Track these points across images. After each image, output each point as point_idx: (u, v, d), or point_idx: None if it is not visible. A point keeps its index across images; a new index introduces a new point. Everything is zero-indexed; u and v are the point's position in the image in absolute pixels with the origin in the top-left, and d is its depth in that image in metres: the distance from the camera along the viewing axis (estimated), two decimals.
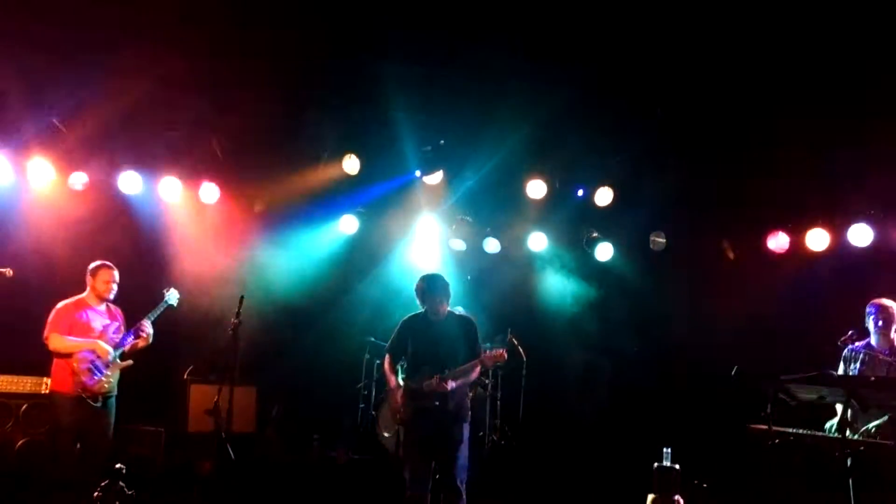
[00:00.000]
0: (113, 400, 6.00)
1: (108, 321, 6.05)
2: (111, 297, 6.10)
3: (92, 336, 5.89)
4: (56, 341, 5.80)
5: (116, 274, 6.11)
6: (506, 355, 5.47)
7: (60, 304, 5.96)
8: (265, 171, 8.18)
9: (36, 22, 6.29)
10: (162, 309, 6.21)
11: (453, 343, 5.48)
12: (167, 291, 6.32)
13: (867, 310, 5.79)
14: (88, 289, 6.06)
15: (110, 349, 5.88)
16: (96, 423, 5.84)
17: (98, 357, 5.82)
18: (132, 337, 6.05)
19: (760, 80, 6.65)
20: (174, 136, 7.72)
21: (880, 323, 5.68)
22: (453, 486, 5.31)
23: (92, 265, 6.11)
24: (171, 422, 7.52)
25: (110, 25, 6.34)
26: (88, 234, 7.78)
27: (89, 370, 5.77)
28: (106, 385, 5.84)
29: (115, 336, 6.00)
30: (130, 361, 6.06)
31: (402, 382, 5.66)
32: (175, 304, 6.37)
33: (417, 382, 5.45)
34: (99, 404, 5.80)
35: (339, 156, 8.04)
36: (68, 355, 5.78)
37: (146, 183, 7.74)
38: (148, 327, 6.10)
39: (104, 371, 5.83)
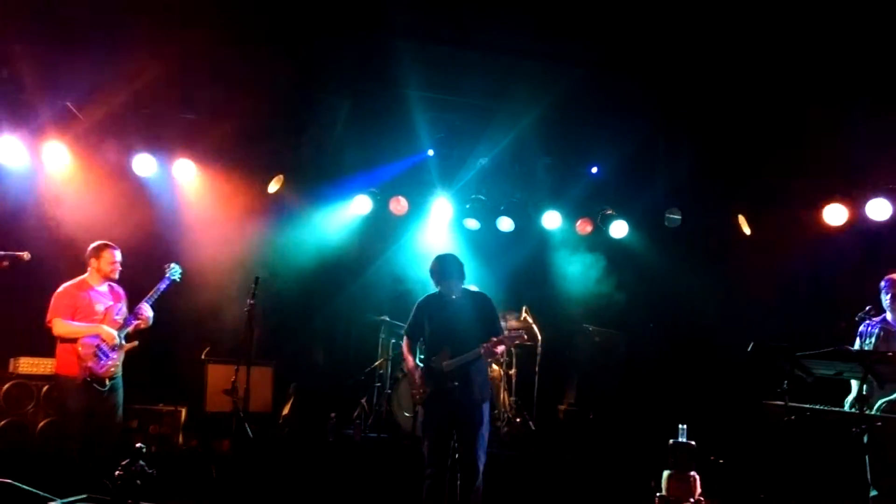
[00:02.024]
0: (119, 380, 5.98)
1: (111, 302, 5.99)
2: (116, 277, 6.05)
3: (95, 318, 5.85)
4: (60, 326, 5.77)
5: (119, 253, 6.05)
6: (525, 337, 5.47)
7: (61, 288, 5.91)
8: (279, 153, 8.19)
9: (50, 5, 6.31)
10: (165, 286, 6.14)
11: (470, 321, 5.50)
12: (168, 267, 6.24)
13: (881, 285, 5.75)
14: (91, 269, 5.99)
15: (115, 333, 5.84)
16: (104, 405, 5.84)
17: (103, 341, 5.80)
18: (134, 319, 6.01)
19: (777, 55, 6.56)
20: (188, 119, 7.73)
21: (889, 296, 5.63)
22: (471, 465, 5.35)
23: (94, 245, 6.03)
24: (190, 402, 7.60)
25: (124, 8, 6.34)
26: (104, 217, 7.83)
27: (95, 355, 5.75)
28: (112, 368, 5.84)
29: (118, 318, 5.95)
30: (135, 343, 6.03)
31: (419, 363, 5.67)
32: (178, 279, 6.29)
33: (436, 363, 5.47)
34: (106, 389, 5.80)
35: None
36: (73, 340, 5.75)
37: (161, 165, 7.77)
38: (147, 311, 6.03)
39: (110, 355, 5.82)
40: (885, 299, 5.69)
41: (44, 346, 7.04)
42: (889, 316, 5.70)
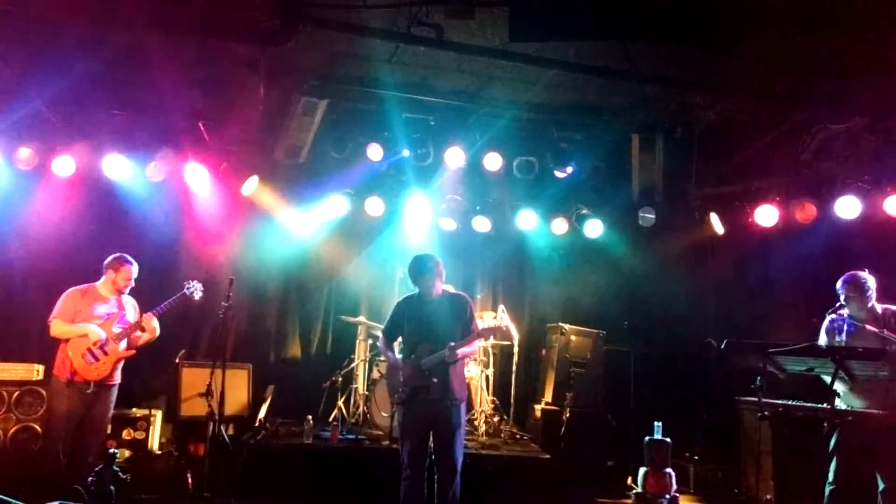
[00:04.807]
0: (113, 389, 6.04)
1: (114, 310, 6.07)
2: (127, 291, 6.16)
3: (95, 324, 5.93)
4: (56, 326, 5.88)
5: (136, 269, 6.15)
6: (503, 326, 5.52)
7: (69, 290, 6.01)
8: (253, 154, 8.13)
9: (19, 5, 6.20)
10: (175, 300, 6.21)
11: (448, 321, 5.54)
12: (188, 283, 6.33)
13: (837, 284, 5.82)
14: (105, 280, 6.09)
15: (102, 333, 5.89)
16: (90, 410, 5.88)
17: (92, 343, 5.86)
18: (134, 331, 6.06)
19: (747, 55, 6.63)
20: (161, 120, 7.65)
21: (843, 295, 5.69)
22: (449, 464, 5.38)
23: (115, 256, 6.12)
24: (164, 405, 7.52)
25: (95, 8, 6.25)
26: (75, 221, 7.74)
27: (83, 356, 5.82)
28: (96, 372, 5.85)
29: (117, 327, 6.02)
30: (132, 352, 6.09)
31: (402, 359, 5.66)
32: (196, 297, 6.35)
33: (416, 360, 5.48)
34: (90, 390, 5.83)
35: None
36: (65, 341, 5.85)
37: (133, 167, 7.68)
38: (151, 323, 6.10)
39: (99, 357, 5.86)
40: (841, 297, 5.77)
41: (14, 352, 6.97)
42: (854, 311, 5.76)
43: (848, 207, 7.36)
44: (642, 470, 6.58)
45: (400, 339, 5.85)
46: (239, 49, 6.81)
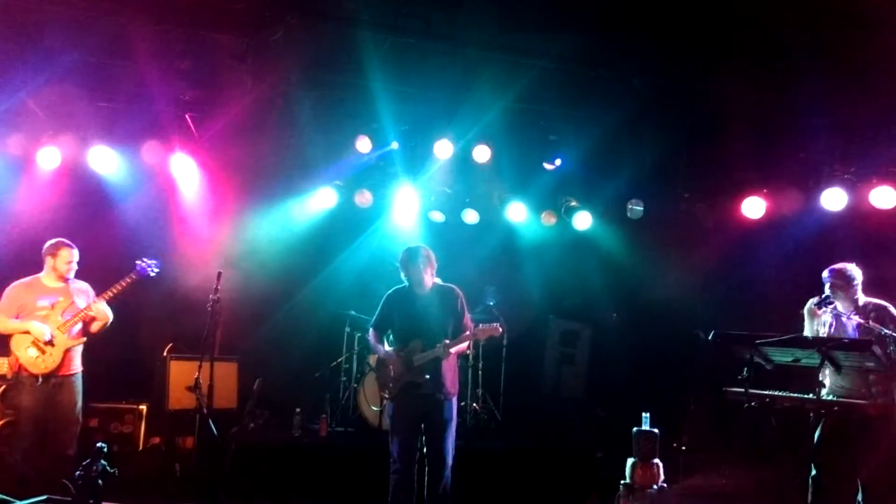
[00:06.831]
0: (74, 378, 5.89)
1: (60, 298, 5.87)
2: (71, 276, 5.96)
3: (38, 315, 5.76)
4: None
5: (76, 252, 5.95)
6: (500, 329, 5.49)
7: (12, 285, 5.85)
8: (241, 146, 8.09)
9: None
10: (131, 280, 6.03)
11: (440, 314, 5.49)
12: (140, 261, 6.12)
13: (823, 275, 5.85)
14: (46, 268, 5.91)
15: (45, 329, 5.70)
16: (52, 403, 5.77)
17: (34, 337, 5.71)
18: (85, 318, 5.88)
19: (734, 47, 6.65)
20: (147, 111, 7.59)
21: (829, 285, 5.71)
22: (440, 458, 5.37)
23: (51, 242, 5.92)
24: (152, 399, 7.49)
25: None
26: (60, 213, 7.67)
27: (27, 349, 5.68)
28: (44, 365, 5.71)
29: (64, 316, 5.83)
30: (83, 339, 5.93)
31: (393, 353, 5.59)
32: (151, 274, 6.18)
33: (407, 355, 5.45)
34: (40, 383, 5.70)
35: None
36: (9, 337, 5.73)
37: (119, 158, 7.62)
38: (98, 310, 5.89)
39: (44, 350, 5.71)
40: (827, 287, 5.80)
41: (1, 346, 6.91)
42: (840, 303, 5.80)
43: (834, 199, 7.40)
44: (630, 461, 6.60)
45: (389, 331, 5.80)
46: (226, 40, 6.76)
